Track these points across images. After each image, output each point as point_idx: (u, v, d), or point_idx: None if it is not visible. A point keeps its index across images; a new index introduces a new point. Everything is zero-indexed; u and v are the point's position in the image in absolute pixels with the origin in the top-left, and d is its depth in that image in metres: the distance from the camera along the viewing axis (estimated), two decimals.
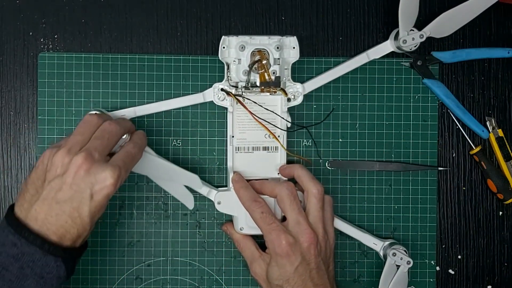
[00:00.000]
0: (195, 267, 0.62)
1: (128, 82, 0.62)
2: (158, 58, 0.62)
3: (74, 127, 0.60)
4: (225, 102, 0.59)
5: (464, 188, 0.64)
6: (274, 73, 0.58)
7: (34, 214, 0.48)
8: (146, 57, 0.62)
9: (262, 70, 0.58)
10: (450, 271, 0.64)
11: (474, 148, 0.63)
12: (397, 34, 0.59)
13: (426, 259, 0.63)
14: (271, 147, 0.60)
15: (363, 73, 0.63)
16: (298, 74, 0.62)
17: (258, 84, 0.58)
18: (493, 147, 0.64)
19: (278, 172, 0.60)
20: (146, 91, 0.62)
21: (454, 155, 0.64)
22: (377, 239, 0.61)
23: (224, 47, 0.58)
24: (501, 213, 0.64)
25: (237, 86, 0.58)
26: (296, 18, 0.63)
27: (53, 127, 0.61)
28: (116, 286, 0.62)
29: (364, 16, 0.63)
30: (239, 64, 0.58)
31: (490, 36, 0.64)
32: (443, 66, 0.64)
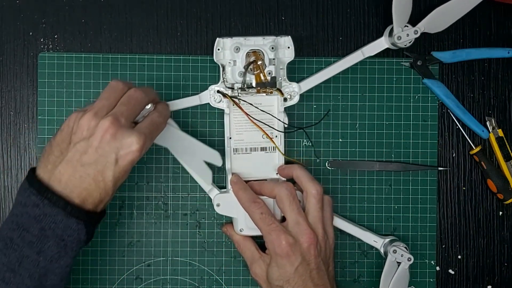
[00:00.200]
0: (195, 267, 0.62)
1: None
2: (158, 58, 0.62)
3: None
4: (221, 104, 0.59)
5: (464, 188, 0.64)
6: (269, 73, 0.58)
7: (58, 176, 0.48)
8: (146, 57, 0.62)
9: (258, 70, 0.58)
10: (450, 271, 0.64)
11: (474, 148, 0.63)
12: (391, 31, 0.59)
13: (426, 259, 0.63)
14: (269, 148, 0.60)
15: (363, 73, 0.63)
16: (298, 74, 0.62)
17: (254, 85, 0.58)
18: (493, 147, 0.64)
19: (276, 172, 0.60)
20: None
21: (454, 155, 0.64)
22: (377, 237, 0.61)
23: (219, 49, 0.58)
24: (501, 213, 0.64)
25: (233, 87, 0.58)
26: (296, 18, 0.63)
27: (53, 127, 0.61)
28: (116, 286, 0.62)
29: (364, 16, 0.63)
30: (235, 65, 0.58)
31: (490, 36, 0.64)
32: (443, 66, 0.64)
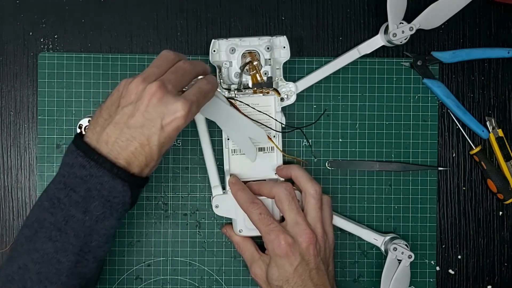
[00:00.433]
0: (195, 267, 0.62)
1: None
2: None
3: (74, 127, 0.60)
4: None
5: (464, 188, 0.64)
6: (265, 73, 0.58)
7: (105, 138, 0.48)
8: (146, 57, 0.62)
9: (254, 71, 0.58)
10: (450, 271, 0.64)
11: (474, 148, 0.63)
12: (387, 28, 0.59)
13: (426, 259, 0.63)
14: (267, 148, 0.60)
15: (363, 73, 0.63)
16: (298, 74, 0.62)
17: (250, 85, 0.58)
18: (493, 147, 0.64)
19: (275, 172, 0.60)
20: None
21: (454, 155, 0.64)
22: (377, 234, 0.61)
23: (214, 51, 0.58)
24: (501, 213, 0.64)
25: (229, 88, 0.58)
26: (296, 18, 0.63)
27: (53, 127, 0.61)
28: (116, 286, 0.62)
29: (364, 16, 0.63)
30: (231, 66, 0.58)
31: (490, 36, 0.64)
32: (443, 66, 0.64)
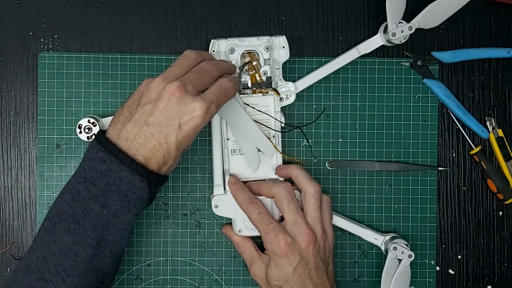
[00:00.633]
0: (195, 267, 0.62)
1: (128, 82, 0.62)
2: (158, 58, 0.62)
3: (74, 127, 0.60)
4: None
5: (464, 188, 0.64)
6: (265, 73, 0.58)
7: (125, 134, 0.49)
8: (146, 57, 0.62)
9: (253, 71, 0.58)
10: (450, 271, 0.64)
11: (474, 148, 0.63)
12: (386, 28, 0.59)
13: (426, 259, 0.63)
14: None
15: (363, 73, 0.63)
16: (298, 74, 0.62)
17: (249, 85, 0.58)
18: (493, 147, 0.64)
19: (275, 172, 0.60)
20: None
21: (454, 155, 0.64)
22: (377, 234, 0.61)
23: (213, 51, 0.58)
24: (501, 213, 0.64)
25: None
26: (296, 18, 0.63)
27: (53, 127, 0.61)
28: (116, 286, 0.62)
29: (364, 16, 0.63)
30: None
31: (490, 36, 0.64)
32: (443, 66, 0.64)
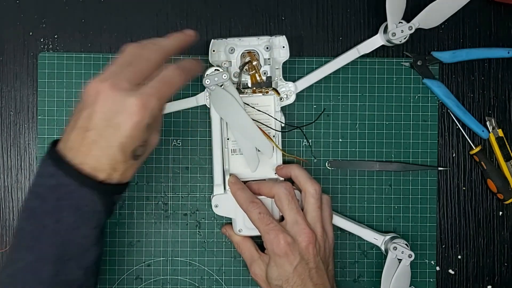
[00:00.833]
0: (195, 267, 0.62)
1: None
2: None
3: None
4: None
5: (464, 188, 0.64)
6: (265, 73, 0.58)
7: (70, 144, 0.47)
8: None
9: (253, 71, 0.58)
10: (450, 271, 0.64)
11: (474, 148, 0.63)
12: (386, 28, 0.59)
13: (426, 259, 0.63)
14: None
15: (363, 73, 0.63)
16: (298, 74, 0.62)
17: (249, 85, 0.58)
18: (493, 147, 0.64)
19: (275, 172, 0.60)
20: None
21: (454, 155, 0.64)
22: (377, 234, 0.61)
23: (213, 50, 0.58)
24: (501, 213, 0.64)
25: None
26: (296, 18, 0.63)
27: (53, 127, 0.61)
28: (116, 286, 0.62)
29: (364, 16, 0.63)
30: (230, 66, 0.58)
31: (490, 36, 0.64)
32: (443, 66, 0.64)
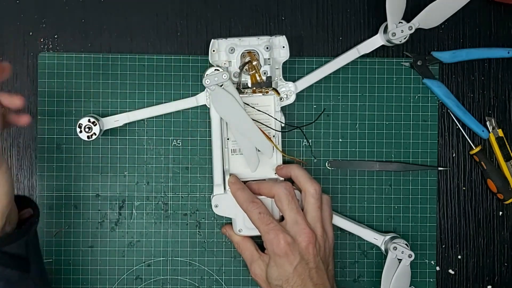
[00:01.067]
0: (195, 267, 0.62)
1: (128, 82, 0.62)
2: (158, 58, 0.62)
3: (74, 127, 0.60)
4: None
5: (464, 188, 0.64)
6: (265, 73, 0.58)
7: None
8: (146, 57, 0.62)
9: (253, 71, 0.58)
10: (450, 271, 0.64)
11: (474, 148, 0.63)
12: (386, 28, 0.59)
13: (426, 259, 0.63)
14: None
15: (363, 73, 0.63)
16: (298, 74, 0.62)
17: (249, 85, 0.58)
18: (493, 147, 0.64)
19: (275, 172, 0.60)
20: (146, 91, 0.62)
21: (454, 155, 0.64)
22: (377, 234, 0.61)
23: (214, 50, 0.58)
24: (501, 213, 0.64)
25: None
26: (296, 18, 0.63)
27: (53, 127, 0.61)
28: (116, 286, 0.62)
29: (364, 16, 0.63)
30: (230, 66, 0.58)
31: (490, 36, 0.64)
32: (443, 66, 0.64)
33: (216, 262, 0.63)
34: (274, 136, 0.59)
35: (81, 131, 0.58)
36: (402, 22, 0.59)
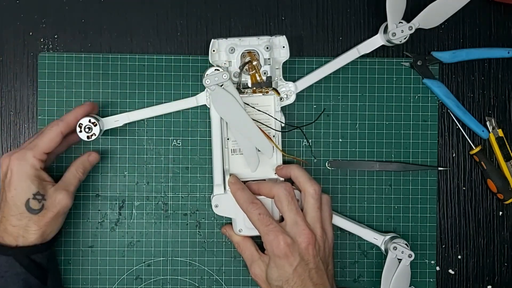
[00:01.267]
0: (195, 267, 0.62)
1: (128, 82, 0.62)
2: (158, 58, 0.62)
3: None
4: None
5: (464, 188, 0.64)
6: (265, 73, 0.58)
7: None
8: (146, 57, 0.62)
9: (253, 71, 0.58)
10: (450, 271, 0.64)
11: (474, 148, 0.63)
12: (386, 28, 0.59)
13: (426, 259, 0.63)
14: None
15: (363, 73, 0.63)
16: (298, 74, 0.62)
17: (249, 85, 0.58)
18: (493, 147, 0.64)
19: (275, 172, 0.60)
20: (146, 91, 0.62)
21: (454, 155, 0.64)
22: (377, 234, 0.61)
23: (214, 50, 0.58)
24: (501, 213, 0.64)
25: None
26: (296, 18, 0.63)
27: None
28: (116, 286, 0.62)
29: (364, 16, 0.63)
30: (230, 66, 0.58)
31: (490, 36, 0.64)
32: (443, 66, 0.64)
33: (216, 262, 0.63)
34: (274, 136, 0.59)
35: (81, 131, 0.58)
36: (402, 22, 0.59)
